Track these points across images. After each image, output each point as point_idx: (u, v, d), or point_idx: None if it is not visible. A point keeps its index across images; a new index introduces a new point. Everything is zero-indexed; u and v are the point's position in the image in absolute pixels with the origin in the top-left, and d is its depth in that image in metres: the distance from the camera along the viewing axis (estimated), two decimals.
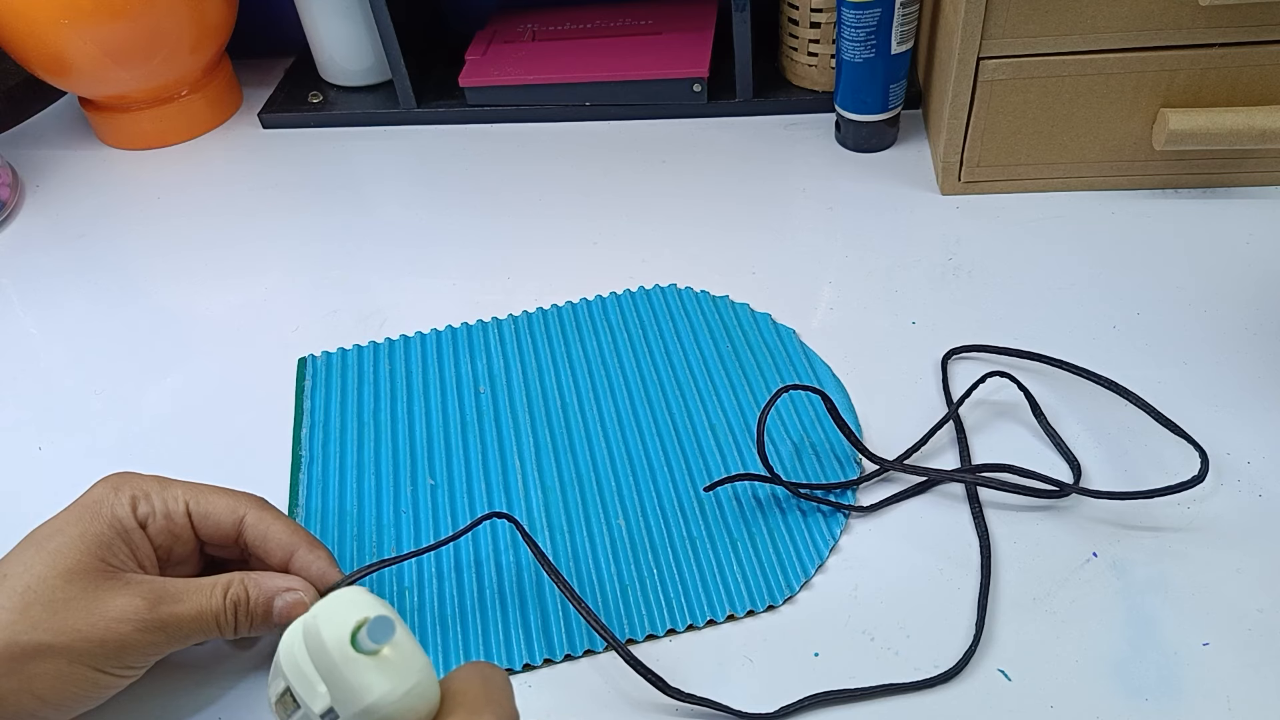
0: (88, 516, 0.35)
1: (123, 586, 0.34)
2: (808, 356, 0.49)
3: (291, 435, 0.48)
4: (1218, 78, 0.51)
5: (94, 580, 0.33)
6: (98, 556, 0.34)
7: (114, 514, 0.35)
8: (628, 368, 0.49)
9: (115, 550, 0.34)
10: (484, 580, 0.41)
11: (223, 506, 0.37)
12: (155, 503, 0.36)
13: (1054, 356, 0.46)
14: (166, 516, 0.36)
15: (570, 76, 0.67)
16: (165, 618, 0.34)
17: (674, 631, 0.38)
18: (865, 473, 0.43)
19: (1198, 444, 0.42)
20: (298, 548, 0.37)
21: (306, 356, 0.52)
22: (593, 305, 0.53)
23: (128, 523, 0.35)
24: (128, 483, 0.36)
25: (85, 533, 0.34)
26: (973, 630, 0.37)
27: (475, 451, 0.46)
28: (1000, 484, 0.41)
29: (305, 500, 0.45)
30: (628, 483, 0.44)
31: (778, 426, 0.45)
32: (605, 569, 0.41)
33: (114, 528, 0.35)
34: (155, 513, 0.36)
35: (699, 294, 0.53)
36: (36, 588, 0.33)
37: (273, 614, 0.36)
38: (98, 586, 0.33)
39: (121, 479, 0.36)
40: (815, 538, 0.41)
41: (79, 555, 0.33)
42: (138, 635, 0.33)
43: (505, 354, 0.51)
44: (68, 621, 0.32)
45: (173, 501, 0.36)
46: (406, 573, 0.41)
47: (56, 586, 0.33)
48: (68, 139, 0.76)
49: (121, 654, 0.33)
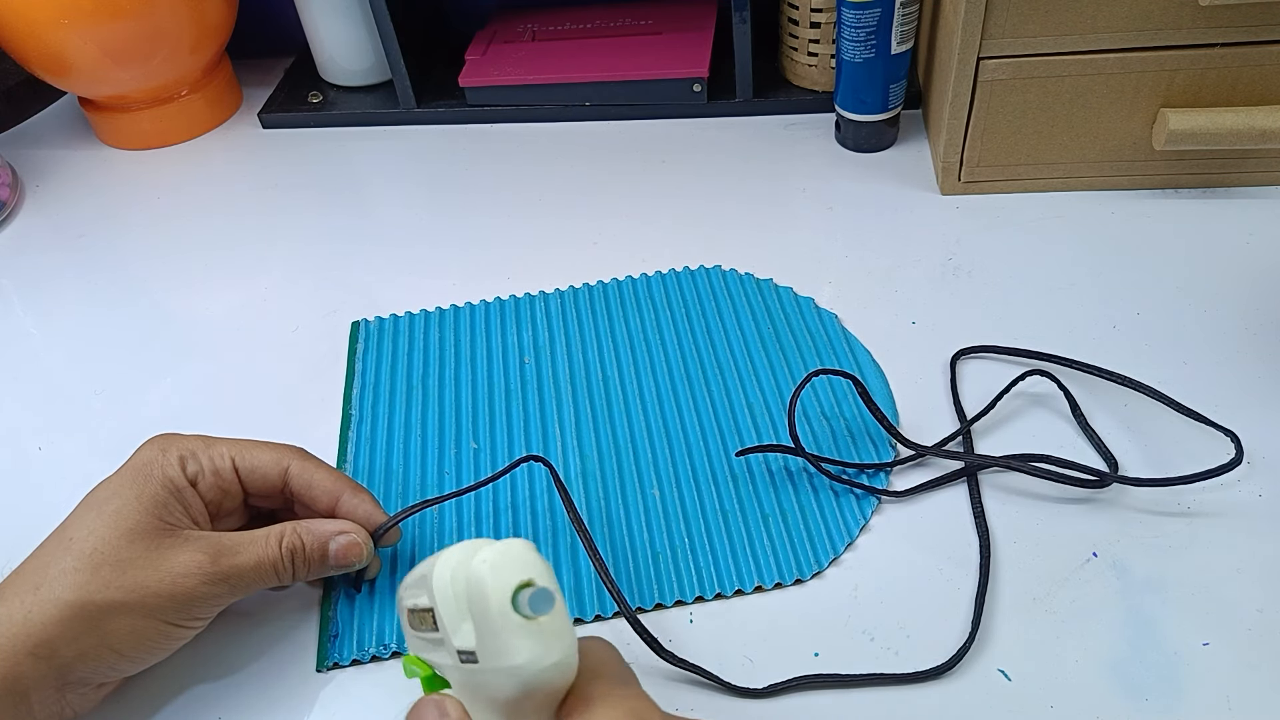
0: (140, 479, 0.36)
1: (183, 543, 0.35)
2: (849, 341, 0.49)
3: (342, 395, 0.50)
4: (1218, 78, 0.51)
5: (156, 539, 0.35)
6: (156, 516, 0.35)
7: (165, 474, 0.36)
8: (669, 344, 0.50)
9: (171, 509, 0.36)
10: (520, 529, 0.43)
11: (268, 459, 0.39)
12: (203, 460, 0.38)
13: (1055, 355, 0.46)
14: (215, 473, 0.38)
15: (570, 76, 0.67)
16: (227, 570, 0.35)
17: (701, 599, 0.39)
18: (898, 457, 0.43)
19: (1228, 430, 0.42)
20: (342, 492, 0.39)
21: (359, 320, 0.54)
22: (637, 283, 0.54)
23: (179, 481, 0.37)
24: (174, 444, 0.38)
25: (141, 494, 0.35)
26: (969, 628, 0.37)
27: (518, 418, 0.47)
28: (1042, 473, 0.41)
29: (354, 457, 0.47)
30: (664, 454, 0.45)
31: (814, 408, 0.46)
32: (639, 536, 0.42)
33: (167, 487, 0.36)
34: (204, 470, 0.37)
35: (743, 276, 0.54)
36: (103, 549, 0.34)
37: (329, 557, 0.38)
38: (160, 544, 0.35)
39: (168, 440, 0.38)
40: (846, 517, 0.41)
41: (139, 516, 0.35)
42: (204, 588, 0.35)
43: (551, 327, 0.52)
44: (137, 579, 0.34)
45: (219, 458, 0.38)
46: (448, 533, 0.43)
47: (121, 546, 0.34)
48: (68, 139, 0.76)
49: (190, 606, 0.35)
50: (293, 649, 0.39)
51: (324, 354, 0.53)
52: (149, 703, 0.38)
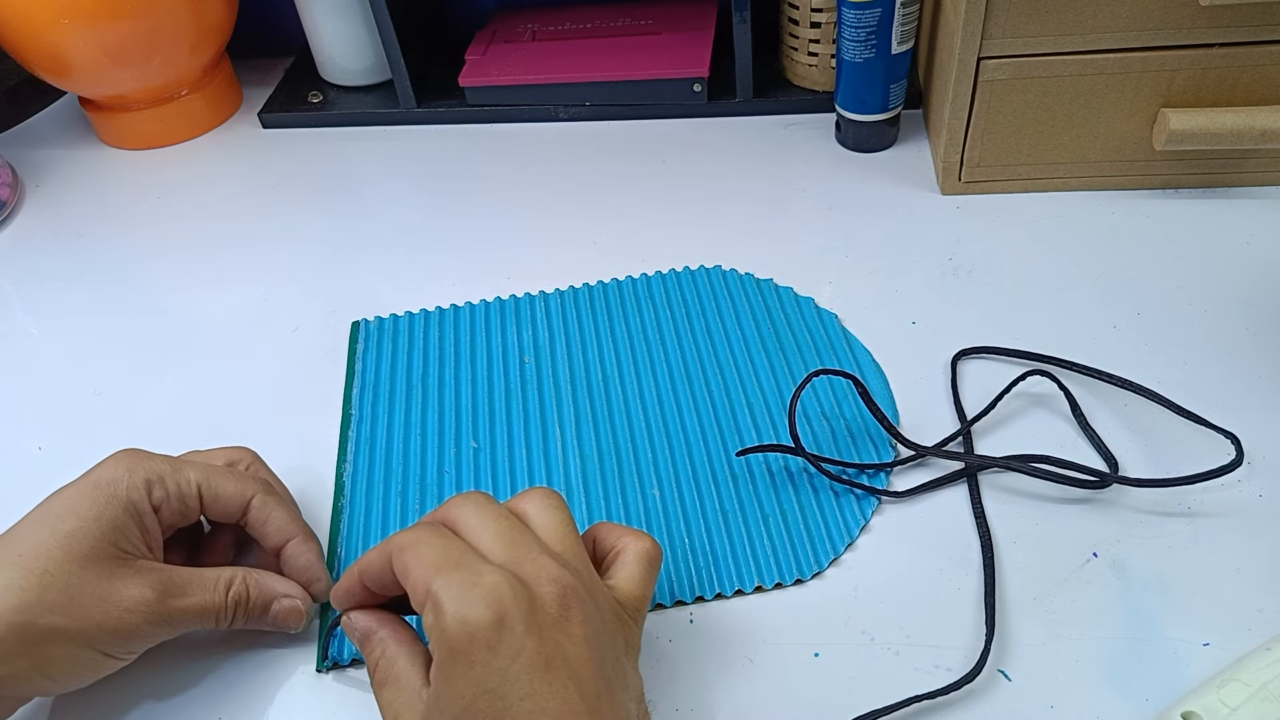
0: (102, 499, 0.35)
1: (135, 575, 0.35)
2: (849, 341, 0.49)
3: (342, 395, 0.50)
4: (1218, 78, 0.51)
5: (108, 567, 0.34)
6: (111, 542, 0.34)
7: (129, 498, 0.35)
8: (669, 344, 0.50)
9: (128, 535, 0.35)
10: None
11: (232, 490, 0.38)
12: (170, 486, 0.37)
13: (1055, 356, 0.46)
14: (180, 499, 0.37)
15: (570, 76, 0.67)
16: (172, 610, 0.35)
17: (701, 599, 0.39)
18: (899, 457, 0.43)
19: (1228, 432, 0.42)
20: (293, 538, 0.39)
21: (359, 320, 0.54)
22: (637, 283, 0.54)
23: (142, 506, 0.36)
24: (141, 465, 0.36)
25: (100, 515, 0.35)
26: (983, 630, 0.37)
27: (518, 418, 0.47)
28: (1042, 473, 0.41)
29: (354, 457, 0.47)
30: (664, 454, 0.45)
31: (815, 408, 0.46)
32: None
33: (129, 511, 0.35)
34: (169, 496, 0.37)
35: (743, 276, 0.54)
36: (54, 571, 0.33)
37: (269, 615, 0.38)
38: (112, 574, 0.34)
39: (135, 461, 0.37)
40: (846, 517, 0.41)
41: (94, 541, 0.34)
42: (146, 626, 0.35)
43: (551, 327, 0.52)
44: (84, 609, 0.33)
45: (186, 485, 0.37)
46: None
47: (72, 571, 0.33)
48: (68, 139, 0.76)
49: (130, 640, 0.35)
50: (293, 649, 0.39)
51: (324, 354, 0.53)
52: (149, 703, 0.38)
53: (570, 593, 0.30)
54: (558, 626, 0.29)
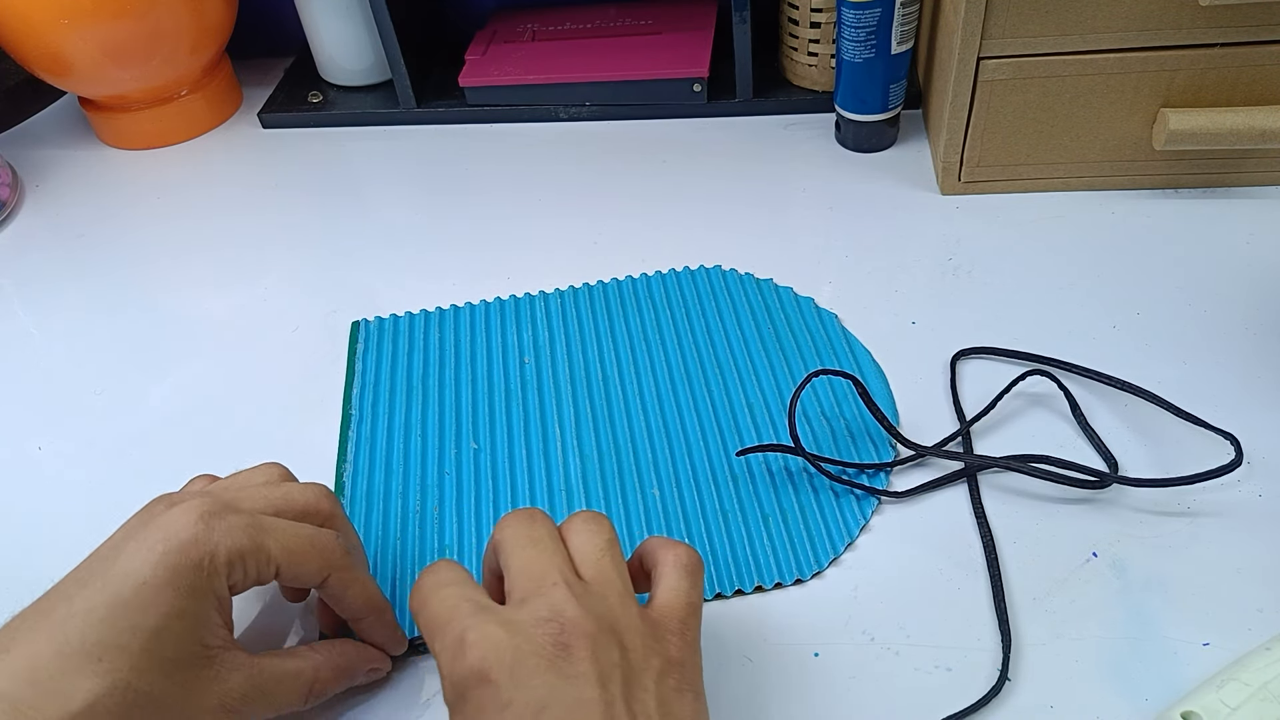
0: (184, 587, 0.31)
1: (217, 681, 0.32)
2: (849, 341, 0.49)
3: (342, 395, 0.50)
4: (1218, 78, 0.51)
5: (193, 672, 0.32)
6: (197, 640, 0.32)
7: (214, 589, 0.32)
8: (669, 344, 0.50)
9: (213, 628, 0.32)
10: None
11: (313, 569, 0.35)
12: (249, 569, 0.33)
13: (1054, 357, 0.46)
14: (258, 581, 0.34)
15: (570, 76, 0.67)
16: (246, 713, 0.33)
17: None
18: (898, 457, 0.43)
19: (1227, 432, 0.42)
20: (368, 616, 0.37)
21: (359, 320, 0.54)
22: (637, 283, 0.54)
23: (222, 594, 0.33)
24: (224, 537, 0.32)
25: (184, 612, 0.31)
26: (983, 630, 0.37)
27: (518, 418, 0.47)
28: (1042, 473, 0.41)
29: (354, 457, 0.47)
30: (664, 454, 0.45)
31: (815, 408, 0.46)
32: (639, 536, 0.42)
33: (213, 604, 0.32)
34: (247, 578, 0.33)
35: (743, 276, 0.54)
36: (139, 686, 0.30)
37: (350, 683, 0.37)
38: (197, 678, 0.32)
39: (213, 525, 0.33)
40: (846, 517, 0.41)
41: (179, 643, 0.31)
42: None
43: (551, 327, 0.52)
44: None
45: (264, 567, 0.34)
46: (448, 531, 0.43)
47: (156, 683, 0.31)
48: (68, 139, 0.76)
49: None
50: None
51: (324, 354, 0.53)
52: None
53: (571, 629, 0.29)
54: (554, 669, 0.29)
